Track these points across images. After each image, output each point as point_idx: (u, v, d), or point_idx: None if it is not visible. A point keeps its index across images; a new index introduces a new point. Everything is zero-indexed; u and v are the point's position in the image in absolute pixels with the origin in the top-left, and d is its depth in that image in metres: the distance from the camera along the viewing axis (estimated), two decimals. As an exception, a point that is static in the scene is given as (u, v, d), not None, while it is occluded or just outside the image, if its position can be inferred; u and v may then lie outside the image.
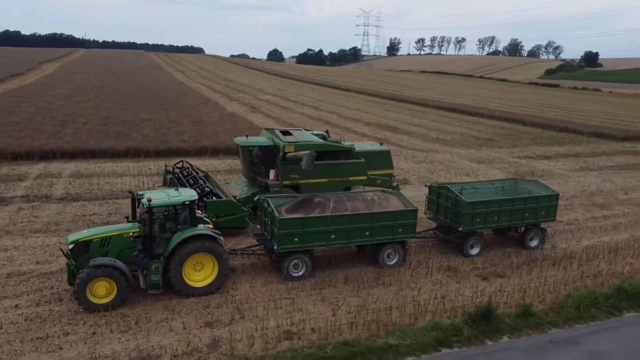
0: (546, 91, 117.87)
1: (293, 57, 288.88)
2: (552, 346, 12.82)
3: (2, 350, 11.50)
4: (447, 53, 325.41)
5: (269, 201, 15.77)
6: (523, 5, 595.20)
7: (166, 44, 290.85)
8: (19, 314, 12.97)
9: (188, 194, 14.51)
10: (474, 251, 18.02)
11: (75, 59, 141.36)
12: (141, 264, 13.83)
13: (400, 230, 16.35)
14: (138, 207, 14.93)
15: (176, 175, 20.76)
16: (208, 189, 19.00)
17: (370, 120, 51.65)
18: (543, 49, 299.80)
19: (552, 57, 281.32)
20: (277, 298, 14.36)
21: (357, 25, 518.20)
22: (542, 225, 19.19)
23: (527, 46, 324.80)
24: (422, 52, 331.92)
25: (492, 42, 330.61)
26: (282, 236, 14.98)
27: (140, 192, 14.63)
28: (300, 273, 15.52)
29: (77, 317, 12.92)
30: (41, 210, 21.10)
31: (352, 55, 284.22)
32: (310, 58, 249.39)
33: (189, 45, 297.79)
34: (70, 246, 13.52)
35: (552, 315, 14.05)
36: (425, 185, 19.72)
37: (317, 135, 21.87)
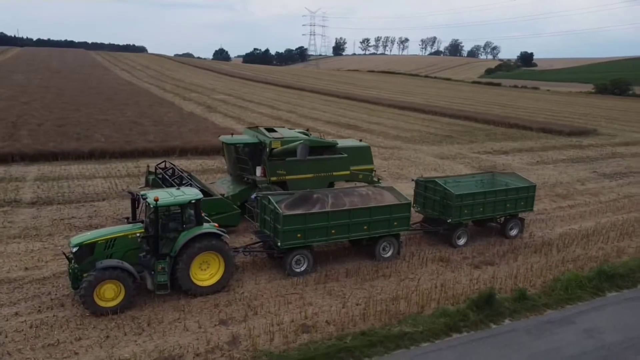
0: (490, 90, 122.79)
1: (239, 56, 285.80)
2: (550, 326, 13.66)
3: (14, 358, 11.04)
4: (392, 53, 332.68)
5: (270, 198, 15.81)
6: (462, 7, 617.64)
7: (106, 42, 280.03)
8: (22, 322, 12.45)
9: (193, 192, 14.37)
10: (461, 241, 18.77)
11: (11, 57, 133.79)
12: (148, 264, 13.58)
13: (395, 223, 16.82)
14: (137, 208, 14.64)
15: (160, 176, 20.34)
16: (197, 188, 18.74)
17: (329, 119, 52.11)
18: (482, 49, 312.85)
19: (490, 57, 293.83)
20: (285, 293, 14.48)
21: (303, 25, 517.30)
22: (521, 215, 20.24)
23: (467, 46, 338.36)
24: (367, 52, 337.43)
25: (434, 42, 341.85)
26: (285, 232, 15.08)
27: (142, 193, 14.32)
28: (302, 268, 15.68)
29: (85, 321, 12.54)
30: (15, 216, 20.12)
31: (298, 55, 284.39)
32: (257, 57, 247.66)
33: (131, 44, 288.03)
34: (74, 249, 13.06)
35: (545, 297, 14.97)
36: (412, 180, 20.32)
37: (299, 133, 22.03)
